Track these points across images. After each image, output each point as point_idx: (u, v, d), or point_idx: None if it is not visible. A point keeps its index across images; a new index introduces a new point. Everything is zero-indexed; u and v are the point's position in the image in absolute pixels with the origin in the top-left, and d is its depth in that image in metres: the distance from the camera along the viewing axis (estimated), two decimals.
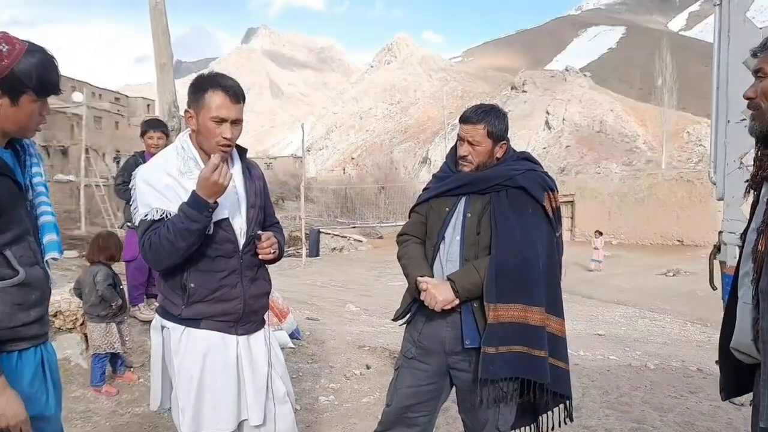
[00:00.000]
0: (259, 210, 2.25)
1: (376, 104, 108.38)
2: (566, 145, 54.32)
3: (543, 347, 2.23)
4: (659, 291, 14.13)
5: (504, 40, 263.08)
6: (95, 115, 41.62)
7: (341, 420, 3.93)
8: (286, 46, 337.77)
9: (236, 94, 2.08)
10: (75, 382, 4.23)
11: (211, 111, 2.04)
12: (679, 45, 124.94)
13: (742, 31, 2.65)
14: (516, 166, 2.39)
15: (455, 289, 2.26)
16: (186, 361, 2.13)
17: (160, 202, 2.06)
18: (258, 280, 2.25)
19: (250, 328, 2.23)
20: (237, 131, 2.10)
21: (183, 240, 2.00)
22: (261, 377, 2.21)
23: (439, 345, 2.37)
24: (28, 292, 1.64)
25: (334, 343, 5.86)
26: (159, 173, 2.12)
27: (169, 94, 5.09)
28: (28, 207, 1.71)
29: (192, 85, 2.11)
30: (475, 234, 2.32)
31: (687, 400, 4.59)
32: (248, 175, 2.25)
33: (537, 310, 2.23)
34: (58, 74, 1.67)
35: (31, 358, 1.69)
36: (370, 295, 12.87)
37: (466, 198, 2.39)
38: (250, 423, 2.18)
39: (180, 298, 2.13)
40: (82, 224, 23.00)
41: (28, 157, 1.76)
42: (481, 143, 2.37)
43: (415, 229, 2.55)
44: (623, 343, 7.59)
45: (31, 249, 1.67)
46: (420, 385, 2.42)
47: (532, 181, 2.35)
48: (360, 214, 35.60)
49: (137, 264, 4.65)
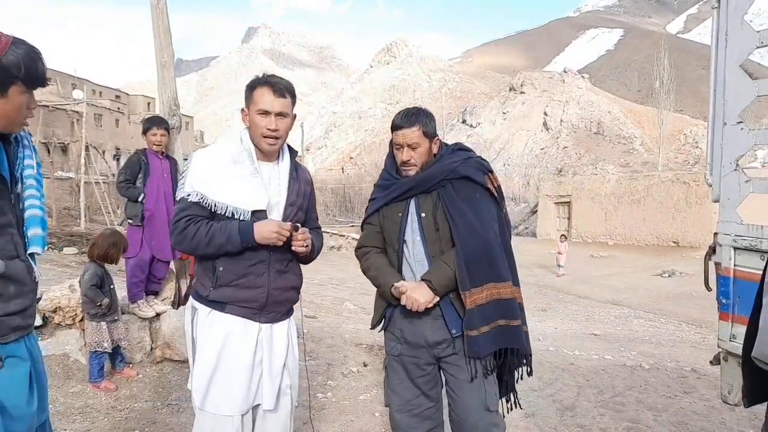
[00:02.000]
0: (299, 210, 2.38)
1: (376, 104, 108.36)
2: (564, 146, 54.41)
3: (516, 316, 2.38)
4: (654, 292, 14.18)
5: (503, 42, 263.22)
6: (95, 113, 41.61)
7: (338, 417, 3.96)
8: (286, 46, 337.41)
9: (281, 90, 2.23)
10: (74, 378, 4.25)
11: (257, 105, 2.22)
12: (677, 47, 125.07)
13: (739, 34, 2.67)
14: (454, 158, 2.49)
15: (433, 288, 2.34)
16: (207, 342, 2.26)
17: (202, 187, 2.22)
18: (287, 274, 2.36)
19: (273, 318, 2.34)
20: (282, 124, 2.25)
21: (213, 249, 2.19)
22: (278, 365, 2.33)
23: (422, 339, 2.45)
24: (6, 285, 1.61)
25: (332, 340, 5.88)
26: (211, 161, 2.27)
27: (170, 93, 5.09)
28: (13, 200, 1.68)
29: (247, 84, 2.28)
30: (434, 231, 2.41)
31: (681, 400, 4.62)
32: (294, 175, 2.37)
33: (506, 284, 2.37)
34: (44, 66, 1.67)
35: (10, 350, 1.66)
36: (368, 294, 12.87)
37: (414, 199, 2.47)
38: (263, 407, 2.30)
39: (209, 281, 2.26)
40: (81, 221, 22.94)
41: (21, 149, 1.74)
42: (420, 144, 2.45)
43: (372, 240, 2.61)
44: (618, 343, 7.63)
45: (12, 242, 1.64)
46: (415, 377, 2.50)
47: (472, 168, 2.46)
48: (358, 213, 35.66)
49: (137, 261, 4.66)
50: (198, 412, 2.29)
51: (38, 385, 1.75)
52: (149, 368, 4.60)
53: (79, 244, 14.70)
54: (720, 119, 2.75)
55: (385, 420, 3.92)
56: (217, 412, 2.22)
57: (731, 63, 2.69)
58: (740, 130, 2.66)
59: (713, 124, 2.81)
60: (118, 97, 55.91)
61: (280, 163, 2.36)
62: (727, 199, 2.72)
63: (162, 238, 4.70)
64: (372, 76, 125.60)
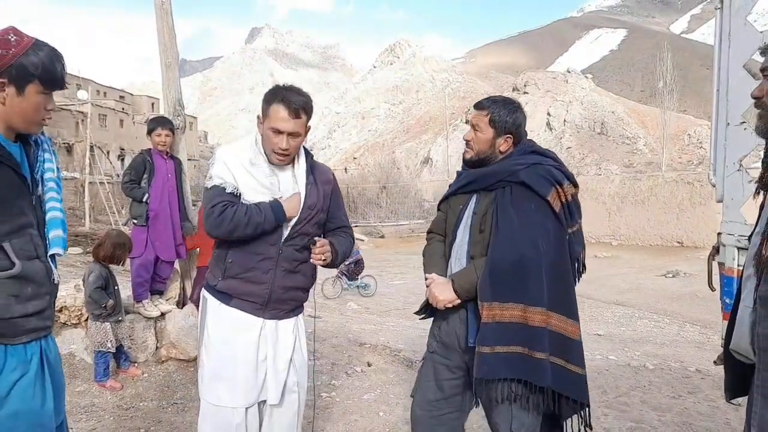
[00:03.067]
0: (318, 212, 2.41)
1: (379, 104, 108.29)
2: (567, 147, 54.28)
3: (544, 349, 2.13)
4: (658, 292, 14.15)
5: (506, 42, 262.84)
6: (100, 113, 41.74)
7: (342, 416, 3.97)
8: (290, 46, 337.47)
9: (297, 110, 2.25)
10: (80, 377, 4.28)
11: (271, 121, 2.26)
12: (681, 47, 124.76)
13: (742, 34, 2.68)
14: (520, 161, 2.32)
15: (455, 289, 2.26)
16: (214, 334, 2.32)
17: (233, 180, 2.29)
18: (295, 274, 2.38)
19: (278, 314, 2.38)
20: (294, 143, 2.30)
21: (251, 228, 2.24)
22: (282, 361, 2.36)
23: (455, 341, 2.36)
24: (23, 285, 1.63)
25: (336, 340, 5.89)
26: (236, 158, 2.33)
27: (175, 93, 5.10)
28: (34, 201, 1.70)
29: (265, 94, 2.32)
30: (478, 232, 2.30)
31: (685, 400, 4.62)
32: (311, 179, 2.41)
33: (538, 310, 2.13)
34: (64, 68, 1.69)
35: (23, 352, 1.66)
36: (371, 294, 12.92)
37: (476, 195, 2.38)
38: (268, 401, 2.34)
39: (220, 271, 2.33)
40: (86, 221, 23.01)
41: (41, 153, 1.77)
42: (483, 130, 2.35)
43: (438, 226, 2.57)
44: (622, 343, 7.62)
45: (33, 242, 1.66)
46: (442, 379, 2.40)
47: (536, 176, 2.25)
48: (362, 214, 35.69)
49: (142, 261, 4.68)
50: (203, 403, 2.34)
51: (54, 386, 1.75)
52: (154, 367, 4.62)
53: (83, 244, 14.74)
54: (723, 120, 2.75)
55: (388, 419, 3.93)
56: (221, 403, 2.27)
57: (734, 63, 2.69)
58: (743, 130, 2.66)
59: (716, 125, 2.82)
60: (123, 97, 56.04)
61: (296, 167, 2.40)
62: (730, 199, 2.73)
63: (166, 238, 4.72)
64: (375, 76, 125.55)
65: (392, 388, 4.56)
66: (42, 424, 1.67)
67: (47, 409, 1.69)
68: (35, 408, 1.65)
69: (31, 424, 1.64)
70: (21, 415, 1.61)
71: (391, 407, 4.15)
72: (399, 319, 8.38)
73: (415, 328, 7.27)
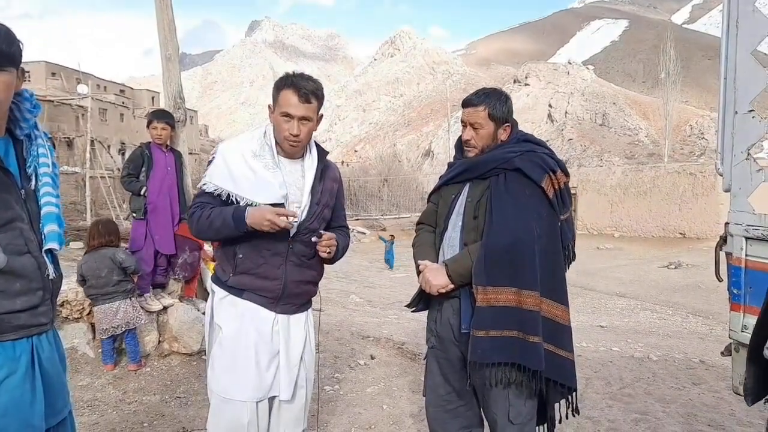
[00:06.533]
0: (325, 208, 2.39)
1: (379, 97, 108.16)
2: (569, 138, 54.18)
3: (537, 333, 2.16)
4: (661, 283, 14.13)
5: (507, 33, 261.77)
6: (100, 107, 41.66)
7: (346, 409, 3.96)
8: (290, 38, 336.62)
9: (307, 94, 2.21)
10: (82, 371, 4.27)
11: (281, 107, 2.22)
12: (683, 38, 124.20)
13: (751, 20, 2.63)
14: (514, 148, 2.34)
15: (449, 274, 2.26)
16: (223, 325, 2.30)
17: (220, 180, 2.27)
18: (306, 268, 2.37)
19: (289, 309, 2.36)
20: (305, 128, 2.25)
21: (212, 232, 2.26)
22: (295, 356, 2.35)
23: (450, 333, 2.36)
24: (10, 280, 1.57)
25: (339, 333, 5.89)
26: (234, 154, 2.30)
27: (175, 86, 5.07)
28: (23, 195, 1.64)
29: (276, 82, 2.29)
30: (472, 218, 2.31)
31: (690, 391, 4.61)
32: (319, 174, 2.38)
33: (531, 294, 2.16)
34: (13, 42, 1.54)
35: (11, 349, 1.60)
36: (373, 287, 12.90)
37: (470, 184, 2.39)
38: (279, 398, 2.32)
39: (230, 266, 2.30)
40: (87, 215, 22.99)
41: (34, 147, 1.71)
42: (483, 126, 2.35)
43: (428, 217, 2.58)
44: (625, 335, 7.60)
45: (23, 237, 1.61)
46: (447, 372, 2.41)
47: (530, 162, 2.28)
48: (363, 206, 35.67)
49: (143, 254, 4.67)
50: (213, 397, 2.32)
51: (49, 385, 1.69)
52: (157, 361, 4.61)
53: (85, 238, 14.75)
54: (731, 108, 2.71)
55: (392, 412, 3.92)
56: (231, 397, 2.24)
57: (742, 51, 2.65)
58: (751, 118, 2.62)
59: (724, 113, 2.77)
60: (123, 91, 55.91)
61: (305, 161, 2.36)
62: (738, 188, 2.68)
63: (164, 231, 4.70)
64: (376, 68, 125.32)
65: (396, 381, 4.55)
66: (31, 424, 1.62)
67: (37, 410, 1.64)
68: (24, 407, 1.60)
69: (20, 424, 1.59)
70: (9, 413, 1.56)
71: (394, 400, 4.15)
72: (402, 312, 8.36)
73: (418, 321, 7.25)
